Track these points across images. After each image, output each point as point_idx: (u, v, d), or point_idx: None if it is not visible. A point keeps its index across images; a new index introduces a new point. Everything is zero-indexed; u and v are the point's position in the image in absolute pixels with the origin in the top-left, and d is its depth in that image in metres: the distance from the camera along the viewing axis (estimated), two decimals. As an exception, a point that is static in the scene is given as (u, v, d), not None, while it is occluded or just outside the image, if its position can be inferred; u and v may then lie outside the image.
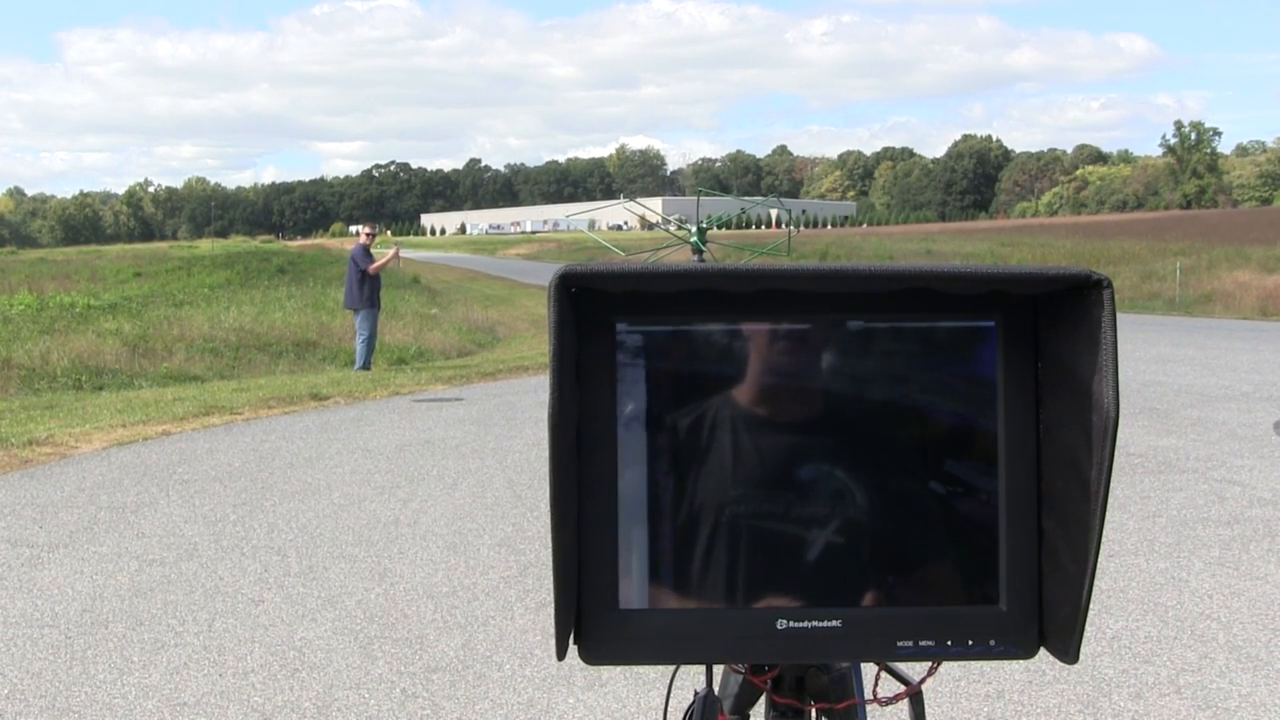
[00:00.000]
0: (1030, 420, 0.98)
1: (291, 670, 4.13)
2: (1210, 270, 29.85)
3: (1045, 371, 0.97)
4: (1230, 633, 4.34)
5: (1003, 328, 0.97)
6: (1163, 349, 14.62)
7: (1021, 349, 0.98)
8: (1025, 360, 0.98)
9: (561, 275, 0.91)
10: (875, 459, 0.97)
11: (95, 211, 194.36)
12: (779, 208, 23.50)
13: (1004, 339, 0.97)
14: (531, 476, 7.37)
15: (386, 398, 11.67)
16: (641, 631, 0.98)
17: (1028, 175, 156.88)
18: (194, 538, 6.02)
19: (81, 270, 39.72)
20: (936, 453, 0.97)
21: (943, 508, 0.98)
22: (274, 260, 42.33)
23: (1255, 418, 9.10)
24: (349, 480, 7.43)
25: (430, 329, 22.29)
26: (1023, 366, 0.98)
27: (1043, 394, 0.97)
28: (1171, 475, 7.07)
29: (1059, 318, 0.95)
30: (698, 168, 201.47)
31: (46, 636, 4.54)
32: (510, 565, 5.41)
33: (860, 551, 0.98)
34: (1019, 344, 0.98)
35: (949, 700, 3.74)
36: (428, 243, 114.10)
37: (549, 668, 4.08)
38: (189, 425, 9.93)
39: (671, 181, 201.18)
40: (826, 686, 1.12)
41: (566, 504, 0.93)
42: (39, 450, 8.63)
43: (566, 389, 0.92)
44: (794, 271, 0.93)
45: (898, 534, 0.98)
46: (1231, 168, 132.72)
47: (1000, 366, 0.97)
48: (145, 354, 17.55)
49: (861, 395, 0.97)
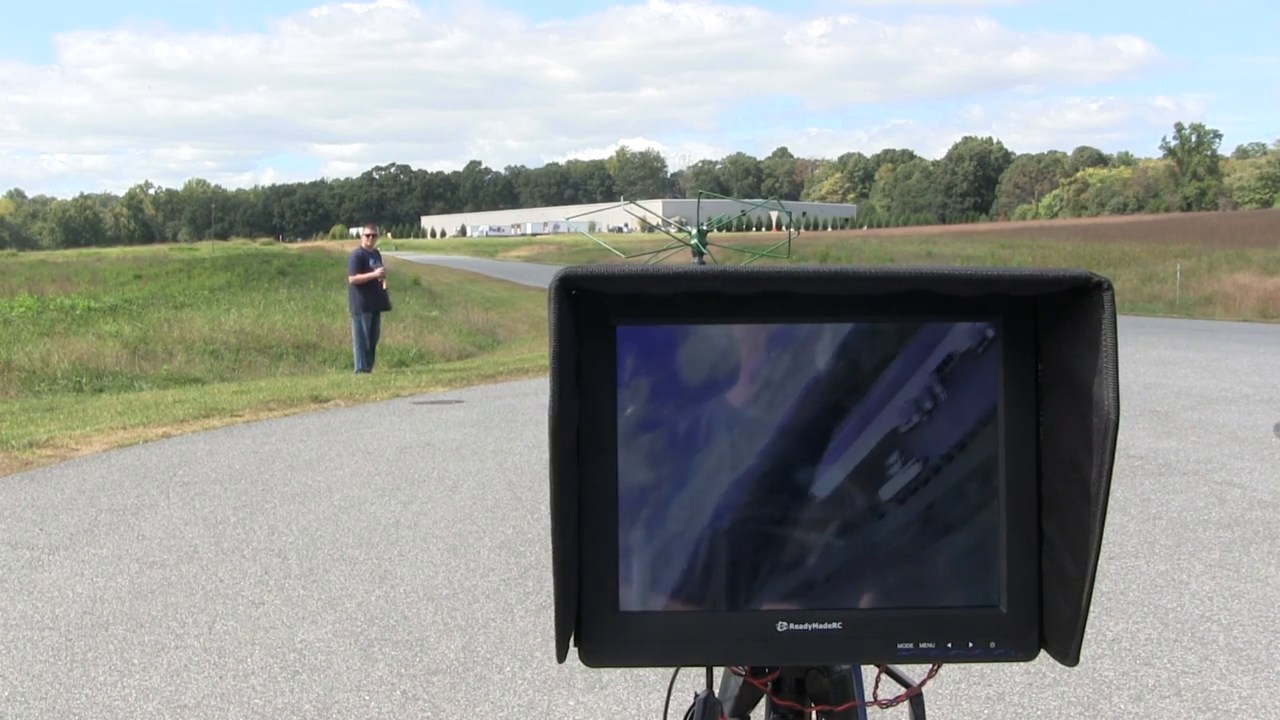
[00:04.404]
0: (1030, 422, 0.98)
1: (292, 672, 4.13)
2: (1210, 272, 29.86)
3: (1045, 374, 0.97)
4: (1230, 635, 4.34)
5: (1003, 330, 0.97)
6: (1163, 351, 14.62)
7: (1021, 351, 0.98)
8: (1025, 362, 0.98)
9: (562, 277, 0.91)
10: (876, 460, 0.97)
11: (95, 214, 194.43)
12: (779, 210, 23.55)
13: (1004, 341, 0.97)
14: (532, 479, 7.37)
15: (387, 400, 11.67)
16: (642, 633, 0.98)
17: (1028, 177, 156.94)
18: (194, 540, 6.02)
19: (82, 272, 39.75)
20: (937, 455, 0.97)
21: (943, 509, 0.98)
22: (274, 262, 42.37)
23: (1255, 420, 9.10)
24: (349, 482, 7.43)
25: (431, 331, 22.31)
26: (1023, 369, 0.98)
27: (1043, 396, 0.97)
28: (1172, 477, 7.07)
29: (1059, 320, 0.95)
30: (698, 170, 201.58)
31: (47, 639, 4.53)
32: (511, 567, 5.41)
33: (861, 553, 0.98)
34: (1019, 346, 0.98)
35: (949, 702, 3.73)
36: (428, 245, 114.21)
37: (549, 670, 4.08)
38: (189, 427, 9.94)
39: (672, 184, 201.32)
40: (827, 688, 1.12)
41: (567, 506, 0.93)
42: (39, 452, 8.63)
43: (567, 391, 0.92)
44: (794, 274, 0.93)
45: (898, 536, 0.98)
46: (1232, 170, 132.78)
47: (1000, 369, 0.97)
48: (145, 356, 17.56)
49: (862, 397, 0.97)
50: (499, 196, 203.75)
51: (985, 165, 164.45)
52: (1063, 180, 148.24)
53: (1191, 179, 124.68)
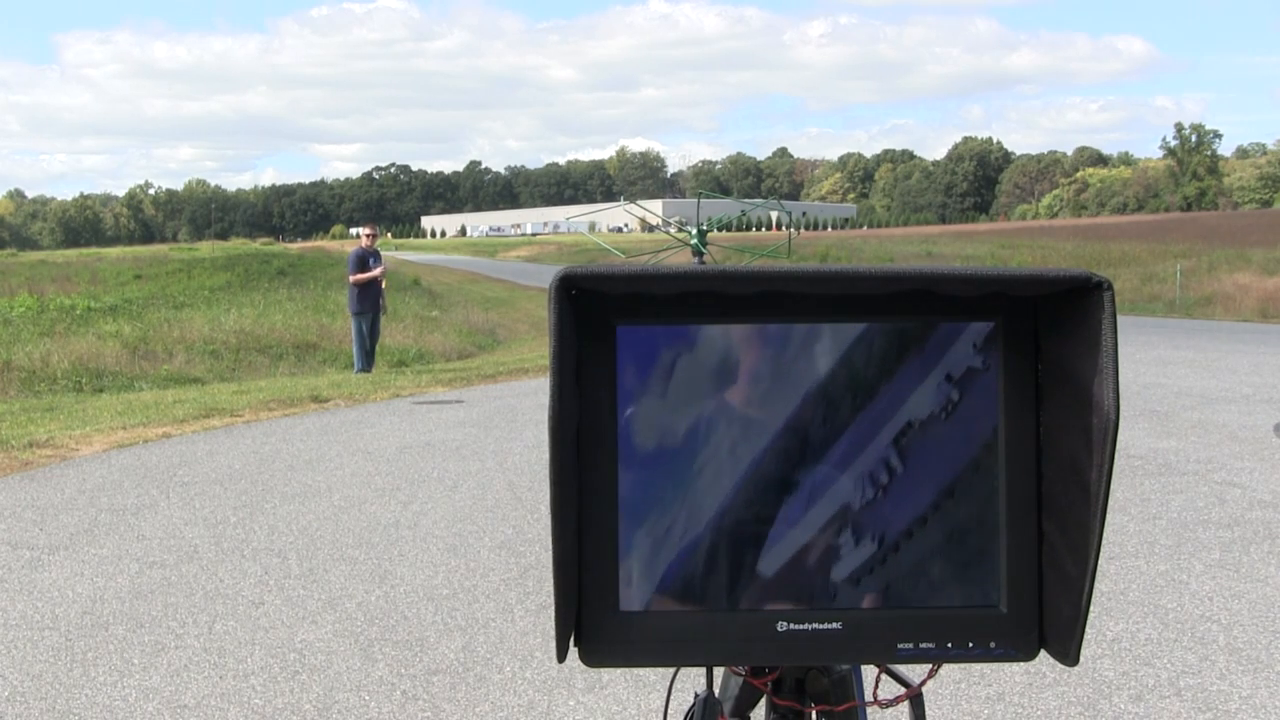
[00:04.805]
0: (1030, 422, 0.98)
1: (292, 672, 4.13)
2: (1210, 272, 29.86)
3: (1045, 374, 0.97)
4: (1230, 635, 4.34)
5: (1003, 330, 0.97)
6: (1163, 351, 14.62)
7: (1022, 351, 0.98)
8: (1025, 362, 0.98)
9: (562, 277, 0.91)
10: (875, 460, 0.97)
11: (95, 214, 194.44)
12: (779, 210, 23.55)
13: (1004, 341, 0.97)
14: (532, 479, 7.37)
15: (387, 400, 11.67)
16: (642, 634, 0.98)
17: (1028, 177, 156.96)
18: (194, 540, 6.02)
19: (82, 272, 39.76)
20: (937, 455, 0.97)
21: (943, 510, 0.98)
22: (274, 262, 42.38)
23: (1255, 420, 9.10)
24: (349, 482, 7.43)
25: (431, 331, 22.32)
26: (1023, 369, 0.98)
27: (1043, 396, 0.97)
28: (1171, 477, 7.07)
29: (1059, 320, 0.95)
30: (698, 170, 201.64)
31: (47, 639, 4.54)
32: (511, 567, 5.41)
33: (861, 553, 0.98)
34: (1019, 346, 0.98)
35: (949, 702, 3.73)
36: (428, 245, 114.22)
37: (549, 670, 4.08)
38: (189, 427, 9.94)
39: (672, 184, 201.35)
40: (827, 688, 1.13)
41: (567, 506, 0.93)
42: (39, 452, 8.63)
43: (567, 391, 0.92)
44: (795, 273, 0.93)
45: (898, 536, 0.98)
46: (1232, 170, 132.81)
47: (1000, 369, 0.97)
48: (145, 356, 17.56)
49: (862, 397, 0.97)
50: (499, 196, 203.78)
51: (985, 165, 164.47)
52: (1063, 180, 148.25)
53: (1191, 179, 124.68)
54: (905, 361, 0.97)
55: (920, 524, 0.97)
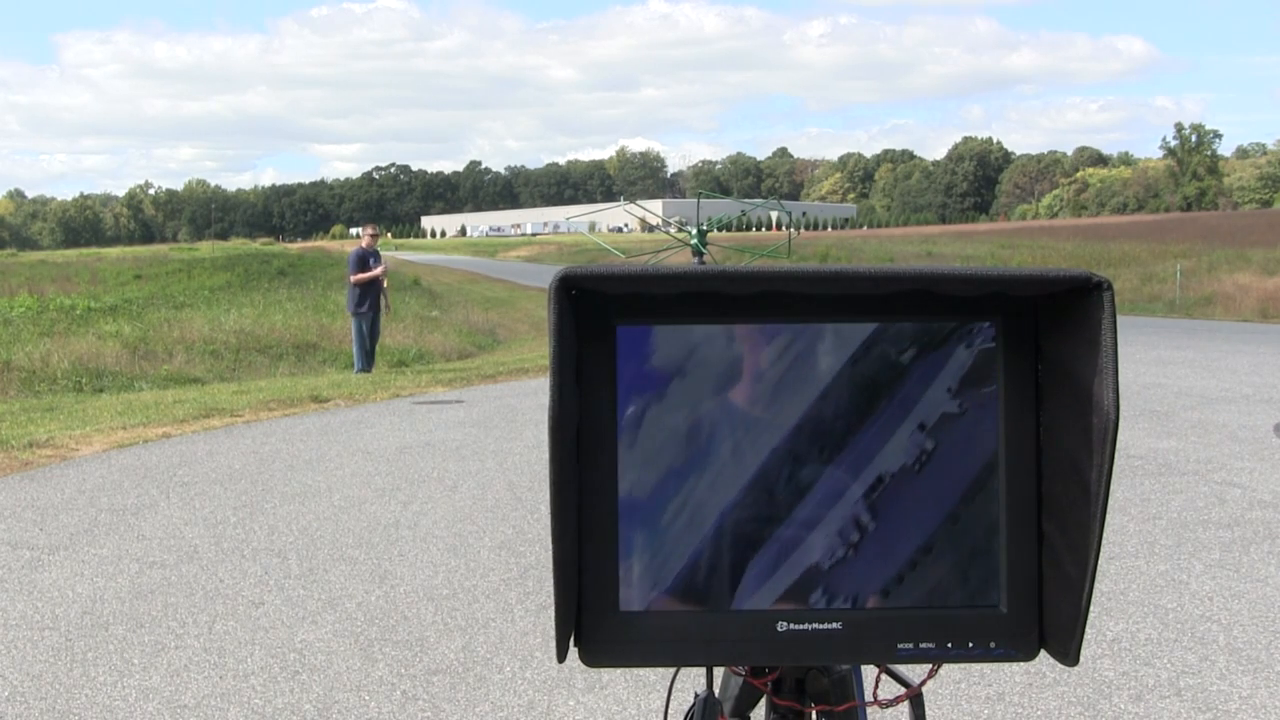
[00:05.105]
0: (1030, 422, 0.98)
1: (292, 672, 4.13)
2: (1210, 272, 29.86)
3: (1045, 374, 0.97)
4: (1230, 635, 4.34)
5: (1003, 330, 0.97)
6: (1163, 351, 14.62)
7: (1021, 351, 0.98)
8: (1025, 362, 0.98)
9: (562, 277, 0.91)
10: (875, 461, 0.97)
11: (95, 214, 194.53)
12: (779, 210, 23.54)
13: (1004, 341, 0.97)
14: (532, 479, 7.37)
15: (387, 400, 11.67)
16: (642, 634, 0.98)
17: (1028, 177, 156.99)
18: (194, 540, 6.02)
19: (82, 272, 39.77)
20: (937, 455, 0.97)
21: (943, 509, 0.98)
22: (274, 262, 42.40)
23: (1255, 420, 9.10)
24: (349, 483, 7.43)
25: (431, 331, 22.32)
26: (1023, 369, 0.98)
27: (1043, 396, 0.97)
28: (1171, 477, 7.07)
29: (1059, 320, 0.95)
30: (698, 170, 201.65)
31: (47, 639, 4.54)
32: (510, 567, 5.41)
33: (861, 553, 0.98)
34: (1019, 346, 0.98)
35: (949, 702, 3.73)
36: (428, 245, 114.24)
37: (549, 670, 4.08)
38: (189, 428, 9.94)
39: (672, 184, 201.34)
40: (827, 688, 1.13)
41: (567, 506, 0.93)
42: (39, 452, 8.63)
43: (567, 391, 0.92)
44: (794, 273, 0.93)
45: (898, 536, 0.98)
46: (1232, 170, 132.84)
47: (1000, 369, 0.97)
48: (145, 356, 17.56)
49: (862, 397, 0.97)
50: (499, 196, 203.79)
51: (985, 165, 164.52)
52: (1063, 180, 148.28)
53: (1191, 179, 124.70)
54: (904, 361, 0.97)
55: (920, 523, 0.98)
